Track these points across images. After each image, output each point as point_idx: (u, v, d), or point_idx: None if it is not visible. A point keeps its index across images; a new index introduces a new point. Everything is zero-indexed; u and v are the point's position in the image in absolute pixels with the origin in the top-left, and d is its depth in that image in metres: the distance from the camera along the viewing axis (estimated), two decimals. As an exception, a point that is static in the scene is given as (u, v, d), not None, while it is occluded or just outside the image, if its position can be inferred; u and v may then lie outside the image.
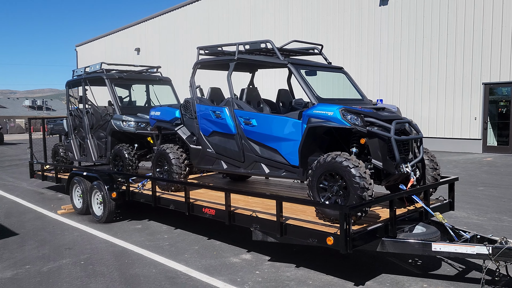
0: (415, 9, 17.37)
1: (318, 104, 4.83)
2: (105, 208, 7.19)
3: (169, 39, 29.15)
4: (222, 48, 6.15)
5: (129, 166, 7.64)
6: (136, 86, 9.29)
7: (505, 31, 15.21)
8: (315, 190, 4.60)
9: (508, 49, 15.19)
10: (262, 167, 5.50)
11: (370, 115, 4.63)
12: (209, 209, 5.51)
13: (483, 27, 15.70)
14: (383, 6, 18.27)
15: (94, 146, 8.75)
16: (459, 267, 4.91)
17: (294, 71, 5.17)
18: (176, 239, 6.31)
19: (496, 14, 15.39)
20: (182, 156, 6.57)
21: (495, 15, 15.41)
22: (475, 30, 15.89)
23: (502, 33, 15.29)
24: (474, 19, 15.91)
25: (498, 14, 15.35)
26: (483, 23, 15.68)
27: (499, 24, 15.33)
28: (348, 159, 4.32)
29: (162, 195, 6.48)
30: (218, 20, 25.73)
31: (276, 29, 22.42)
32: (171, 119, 6.72)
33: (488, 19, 15.58)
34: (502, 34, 15.28)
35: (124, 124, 7.88)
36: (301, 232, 4.43)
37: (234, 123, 5.74)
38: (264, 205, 5.52)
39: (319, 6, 20.59)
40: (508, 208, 7.72)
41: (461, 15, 16.21)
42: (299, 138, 4.99)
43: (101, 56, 35.77)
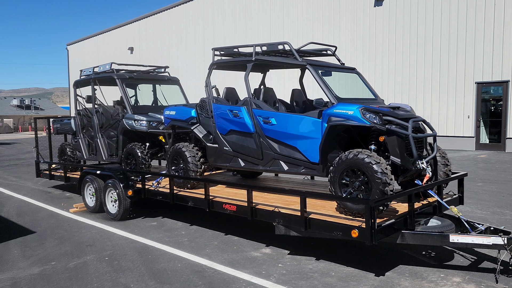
0: (409, 9, 17.73)
1: (338, 103, 5.05)
2: (120, 206, 7.33)
3: (164, 39, 29.18)
4: (238, 49, 6.34)
5: (142, 165, 7.78)
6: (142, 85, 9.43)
7: (496, 31, 15.63)
8: (337, 186, 4.82)
9: (499, 49, 15.61)
10: (281, 164, 5.71)
11: (388, 113, 4.86)
12: (229, 205, 5.70)
13: (475, 27, 16.11)
14: (378, 7, 18.60)
15: (104, 145, 8.86)
16: (471, 257, 5.18)
17: (313, 71, 5.38)
18: (194, 235, 6.49)
19: (488, 14, 15.81)
20: (198, 154, 6.75)
21: (487, 16, 15.82)
22: (468, 30, 16.29)
23: (494, 34, 15.71)
24: (467, 19, 16.31)
25: (490, 15, 15.76)
26: (476, 23, 16.09)
27: (491, 24, 15.75)
28: (370, 156, 4.55)
29: (179, 193, 6.64)
30: (213, 20, 25.85)
31: (272, 29, 22.64)
32: (187, 118, 6.89)
33: (480, 19, 15.99)
34: (494, 35, 15.70)
35: (136, 123, 8.02)
36: (326, 225, 4.65)
37: (252, 122, 5.93)
38: (283, 200, 5.73)
39: (314, 6, 20.85)
40: (508, 202, 8.04)
41: (454, 15, 16.60)
42: (319, 136, 5.20)
43: (93, 55, 35.62)
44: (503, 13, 15.49)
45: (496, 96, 16.41)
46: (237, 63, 6.29)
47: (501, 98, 16.04)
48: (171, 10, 28.38)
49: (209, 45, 26.02)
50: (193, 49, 27.00)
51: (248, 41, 23.60)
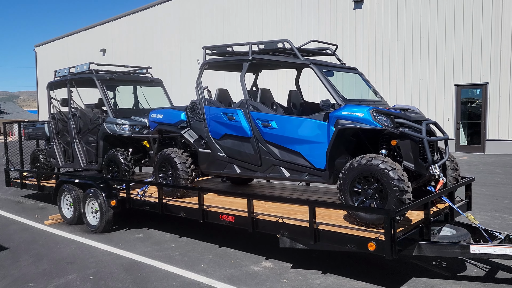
0: (389, 12, 17.73)
1: (346, 105, 4.71)
2: (102, 217, 6.77)
3: (138, 40, 28.38)
4: (232, 48, 5.92)
5: (126, 172, 7.24)
6: (122, 87, 8.87)
7: (475, 34, 15.78)
8: (347, 194, 4.47)
9: (478, 51, 15.76)
10: (282, 171, 5.32)
11: (400, 116, 4.55)
12: (227, 216, 5.26)
13: (454, 30, 16.22)
14: (358, 9, 18.53)
15: (82, 152, 8.25)
16: (484, 267, 4.92)
17: (317, 71, 5.03)
18: (185, 248, 6.00)
19: (466, 17, 15.94)
20: (188, 160, 6.28)
21: (465, 18, 15.96)
22: (447, 33, 16.39)
23: (472, 36, 15.84)
24: (446, 22, 16.41)
25: (468, 18, 15.90)
26: (455, 26, 16.20)
27: (470, 27, 15.89)
28: (385, 162, 4.22)
29: (169, 202, 6.15)
30: (189, 21, 25.29)
31: (250, 30, 22.30)
32: (176, 122, 6.41)
33: (459, 22, 16.11)
34: (473, 37, 15.84)
35: (119, 128, 7.47)
36: (338, 238, 4.28)
37: (249, 126, 5.52)
38: (283, 210, 5.34)
39: (293, 8, 20.64)
40: (503, 206, 7.91)
41: (433, 18, 16.68)
42: (325, 140, 4.85)
43: (62, 57, 34.37)
44: (481, 17, 15.65)
45: (475, 99, 16.56)
46: (232, 63, 5.87)
47: (480, 100, 16.19)
48: (146, 11, 27.65)
49: (185, 47, 25.46)
50: (168, 50, 26.35)
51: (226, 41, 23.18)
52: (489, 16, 15.47)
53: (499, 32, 15.32)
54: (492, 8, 15.39)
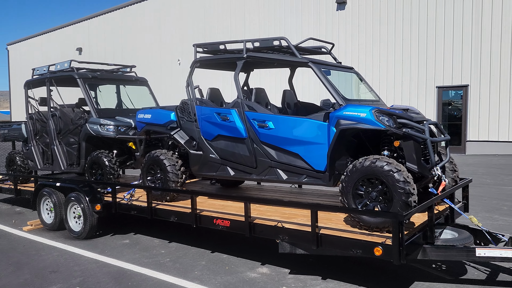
0: (371, 14, 17.81)
1: (347, 105, 4.56)
2: (85, 223, 6.43)
3: (116, 39, 27.76)
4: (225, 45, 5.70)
5: (111, 175, 6.91)
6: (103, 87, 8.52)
7: (456, 36, 15.99)
8: (350, 197, 4.31)
9: (459, 54, 15.97)
10: (279, 173, 5.13)
11: (402, 116, 4.43)
12: (222, 221, 5.03)
13: (436, 32, 16.41)
14: (340, 11, 18.56)
15: (63, 153, 7.87)
16: (485, 270, 4.85)
17: (317, 70, 4.87)
18: (176, 254, 5.74)
19: (447, 20, 16.14)
20: (178, 162, 6.02)
21: (446, 21, 16.16)
22: (428, 35, 16.57)
23: (453, 39, 16.05)
24: (427, 24, 16.58)
25: (449, 20, 16.10)
26: (436, 28, 16.39)
27: (451, 29, 16.09)
28: (390, 163, 4.08)
29: (158, 206, 5.88)
30: (170, 19, 24.88)
31: (232, 30, 22.07)
32: (165, 123, 6.14)
33: (440, 24, 16.31)
34: (454, 40, 16.04)
35: (103, 129, 7.13)
36: (342, 243, 4.12)
37: (244, 126, 5.32)
38: (280, 213, 5.15)
39: (275, 9, 20.52)
40: (493, 206, 7.94)
41: (415, 21, 16.83)
42: (325, 141, 4.69)
43: (37, 56, 33.35)
44: (462, 19, 15.87)
45: (453, 100, 16.78)
46: (225, 61, 5.65)
47: (460, 102, 16.41)
48: (125, 9, 27.07)
49: (166, 47, 25.03)
50: (148, 50, 25.85)
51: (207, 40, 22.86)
52: (470, 19, 15.71)
53: (479, 35, 15.57)
54: (472, 12, 15.63)
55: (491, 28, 15.34)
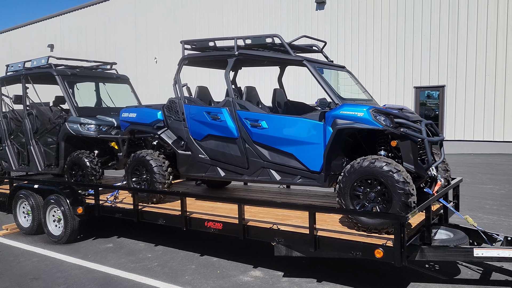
0: (350, 15, 17.92)
1: (344, 104, 4.48)
2: (66, 226, 6.14)
3: (90, 36, 27.03)
4: (215, 42, 5.54)
5: (92, 176, 6.63)
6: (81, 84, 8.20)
7: (433, 38, 16.26)
8: (347, 198, 4.23)
9: (436, 55, 16.25)
10: (272, 174, 5.01)
11: (399, 115, 4.38)
12: (214, 223, 4.87)
13: (413, 33, 16.64)
14: (320, 11, 18.60)
15: (40, 154, 7.52)
16: (477, 269, 4.87)
17: (312, 69, 4.77)
18: (164, 258, 5.54)
19: (425, 21, 16.40)
20: (165, 163, 5.82)
21: (424, 22, 16.41)
22: (406, 36, 16.78)
23: (430, 40, 16.32)
24: (405, 25, 16.80)
25: (426, 21, 16.36)
26: (414, 29, 16.62)
27: (428, 31, 16.36)
28: (389, 164, 4.02)
29: (145, 208, 5.67)
30: (147, 17, 24.39)
31: (210, 28, 21.81)
32: (151, 122, 5.92)
33: (418, 25, 16.55)
34: (431, 41, 16.31)
35: (83, 128, 6.84)
36: (340, 245, 4.03)
37: (236, 126, 5.17)
38: (273, 215, 5.03)
39: (254, 8, 20.40)
40: (475, 205, 8.04)
41: (393, 21, 17.03)
42: (321, 141, 4.59)
43: (6, 53, 32.15)
44: (439, 21, 16.15)
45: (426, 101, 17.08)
46: (216, 58, 5.49)
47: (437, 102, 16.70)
48: (99, 5, 26.37)
49: (142, 44, 24.53)
50: (123, 48, 25.28)
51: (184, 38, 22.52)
52: (446, 21, 16.00)
53: (455, 37, 15.87)
54: (449, 14, 15.92)
55: (467, 30, 15.66)
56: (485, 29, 15.36)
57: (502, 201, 8.27)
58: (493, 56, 15.31)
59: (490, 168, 12.54)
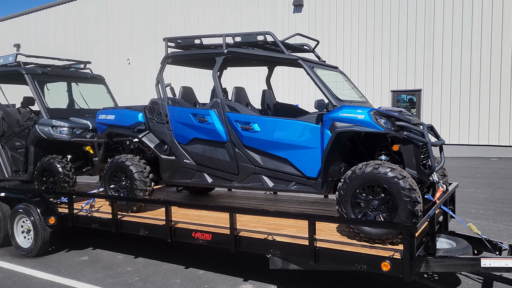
0: (328, 18, 17.86)
1: (343, 106, 4.21)
2: (37, 238, 5.63)
3: (59, 36, 26.02)
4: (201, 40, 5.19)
5: (65, 183, 6.14)
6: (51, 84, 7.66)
7: (409, 43, 16.38)
8: (348, 206, 3.96)
9: (412, 59, 16.37)
10: (264, 180, 4.69)
11: (401, 118, 4.15)
12: (202, 234, 4.50)
13: (390, 38, 16.72)
14: (297, 13, 18.47)
15: (7, 159, 6.94)
16: (478, 279, 4.69)
17: (308, 69, 4.50)
18: (145, 271, 5.13)
19: (401, 27, 16.51)
20: (146, 169, 5.41)
21: (400, 28, 16.52)
22: (383, 40, 16.85)
23: (407, 45, 16.43)
24: (382, 29, 16.86)
25: (403, 26, 16.47)
26: (391, 33, 16.70)
27: (404, 36, 16.46)
28: (394, 169, 3.78)
29: (125, 218, 5.24)
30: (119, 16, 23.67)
31: (186, 27, 21.35)
32: (131, 124, 5.50)
33: (395, 31, 16.64)
34: (407, 46, 16.42)
35: (55, 131, 6.34)
36: (343, 257, 3.75)
37: (225, 129, 4.83)
38: (265, 224, 4.71)
39: (230, 9, 20.08)
40: (461, 210, 7.95)
41: (371, 25, 17.07)
42: (318, 145, 4.31)
43: (-32, 52, 30.62)
44: (415, 26, 16.28)
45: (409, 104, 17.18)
46: (203, 56, 5.13)
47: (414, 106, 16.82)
48: (69, 4, 25.44)
49: (114, 45, 23.79)
50: (94, 48, 24.45)
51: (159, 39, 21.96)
52: (422, 25, 16.14)
53: (431, 42, 16.03)
54: (425, 19, 16.07)
55: (442, 34, 15.84)
56: (460, 34, 15.58)
57: (486, 205, 8.22)
58: (468, 60, 15.53)
59: (469, 171, 12.62)
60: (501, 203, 8.37)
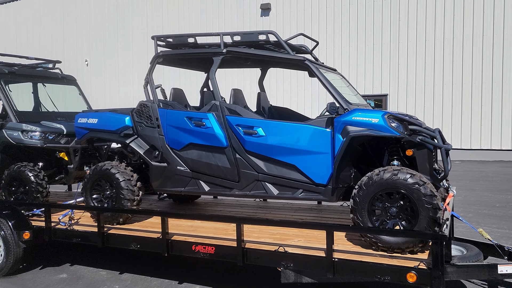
0: (295, 22, 17.87)
1: (355, 109, 4.03)
2: (8, 255, 5.05)
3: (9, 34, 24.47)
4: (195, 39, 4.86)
5: (38, 193, 5.59)
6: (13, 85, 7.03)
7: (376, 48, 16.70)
8: (365, 214, 3.77)
9: (379, 65, 16.69)
10: (268, 187, 4.42)
11: (413, 122, 4.03)
12: (204, 247, 4.16)
13: (357, 44, 16.96)
14: (265, 17, 18.36)
15: (-32, 167, 6.25)
16: (481, 284, 4.65)
17: (315, 70, 4.30)
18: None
19: (368, 33, 16.80)
20: (134, 177, 4.99)
21: (367, 33, 16.81)
22: (350, 46, 17.08)
23: (373, 51, 16.73)
24: (349, 36, 17.08)
25: (369, 34, 16.77)
26: (357, 40, 16.96)
27: (371, 42, 16.76)
28: (414, 175, 3.63)
29: (112, 231, 4.79)
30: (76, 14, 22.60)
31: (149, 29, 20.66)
32: (117, 129, 5.06)
33: (361, 37, 16.90)
34: (374, 52, 16.72)
35: (26, 136, 5.77)
36: (364, 268, 3.54)
37: (225, 133, 4.52)
38: (268, 234, 4.44)
39: (196, 11, 19.67)
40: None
41: (338, 31, 17.25)
42: (328, 150, 4.10)
43: None
44: (381, 33, 16.61)
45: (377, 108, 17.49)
46: (198, 56, 4.80)
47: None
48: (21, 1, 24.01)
49: (70, 45, 22.67)
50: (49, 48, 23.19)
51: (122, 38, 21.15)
52: (388, 32, 16.49)
53: (396, 48, 16.40)
54: (391, 26, 16.43)
55: (407, 41, 16.25)
56: (424, 40, 16.04)
57: (465, 208, 8.35)
58: (431, 66, 16.01)
59: (437, 174, 12.91)
60: (478, 205, 8.54)
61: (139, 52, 20.62)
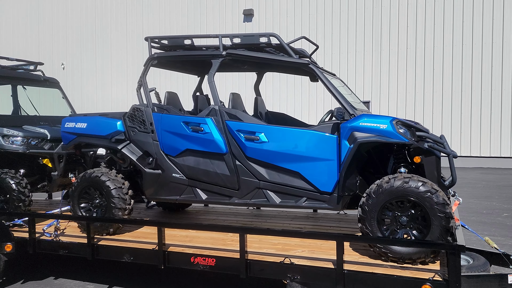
0: (278, 28, 17.84)
1: (362, 115, 3.91)
2: (-13, 269, 4.71)
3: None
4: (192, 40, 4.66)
5: (20, 202, 5.25)
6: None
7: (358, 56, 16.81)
8: (374, 223, 3.64)
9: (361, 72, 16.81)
10: (269, 195, 4.24)
11: (421, 128, 3.94)
12: (204, 258, 3.94)
13: (340, 50, 17.05)
14: (248, 23, 18.26)
15: None
16: (484, 292, 4.57)
17: (320, 74, 4.15)
18: (127, 303, 4.44)
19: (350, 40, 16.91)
20: (125, 184, 4.73)
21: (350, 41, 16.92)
22: (333, 53, 17.14)
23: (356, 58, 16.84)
24: (332, 43, 17.15)
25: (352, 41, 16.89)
26: (340, 47, 17.04)
27: (353, 48, 16.87)
28: (425, 183, 3.53)
29: (102, 242, 4.51)
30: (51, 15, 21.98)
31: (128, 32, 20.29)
32: (108, 134, 4.80)
33: (344, 44, 17.00)
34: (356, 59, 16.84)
35: (7, 141, 5.43)
36: (377, 280, 3.40)
37: (224, 139, 4.33)
38: (271, 244, 4.26)
39: (178, 16, 19.42)
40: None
41: (321, 37, 17.31)
42: (334, 157, 3.96)
43: None
44: (363, 41, 16.75)
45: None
46: (195, 58, 4.60)
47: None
48: None
49: (45, 48, 22.02)
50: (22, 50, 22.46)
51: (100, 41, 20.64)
52: (370, 40, 16.64)
53: (378, 56, 16.56)
54: (373, 34, 16.59)
55: (389, 49, 16.43)
56: (405, 49, 16.25)
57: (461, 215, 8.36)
58: (413, 74, 16.22)
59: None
60: (466, 212, 8.58)
61: (117, 55, 20.19)
